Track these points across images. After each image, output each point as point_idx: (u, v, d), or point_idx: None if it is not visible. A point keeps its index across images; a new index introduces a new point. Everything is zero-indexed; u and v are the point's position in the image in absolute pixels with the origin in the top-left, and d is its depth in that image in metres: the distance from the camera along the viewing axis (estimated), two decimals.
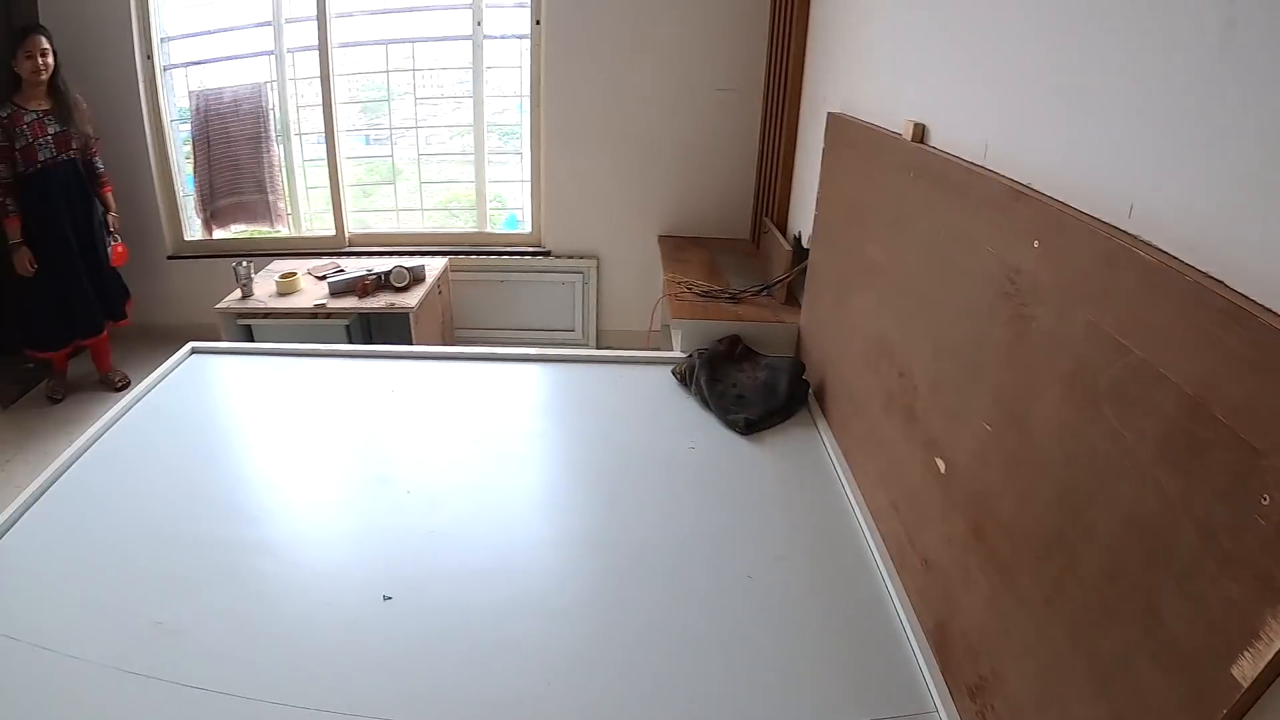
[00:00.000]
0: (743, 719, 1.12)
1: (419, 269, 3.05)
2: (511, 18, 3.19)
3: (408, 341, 2.81)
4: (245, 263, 3.03)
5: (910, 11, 1.57)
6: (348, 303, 2.92)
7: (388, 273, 2.99)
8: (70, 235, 3.04)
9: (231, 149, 3.52)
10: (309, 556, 1.55)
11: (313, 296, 2.99)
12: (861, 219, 1.68)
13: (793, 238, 2.38)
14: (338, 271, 3.14)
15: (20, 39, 2.86)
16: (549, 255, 3.40)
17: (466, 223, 3.69)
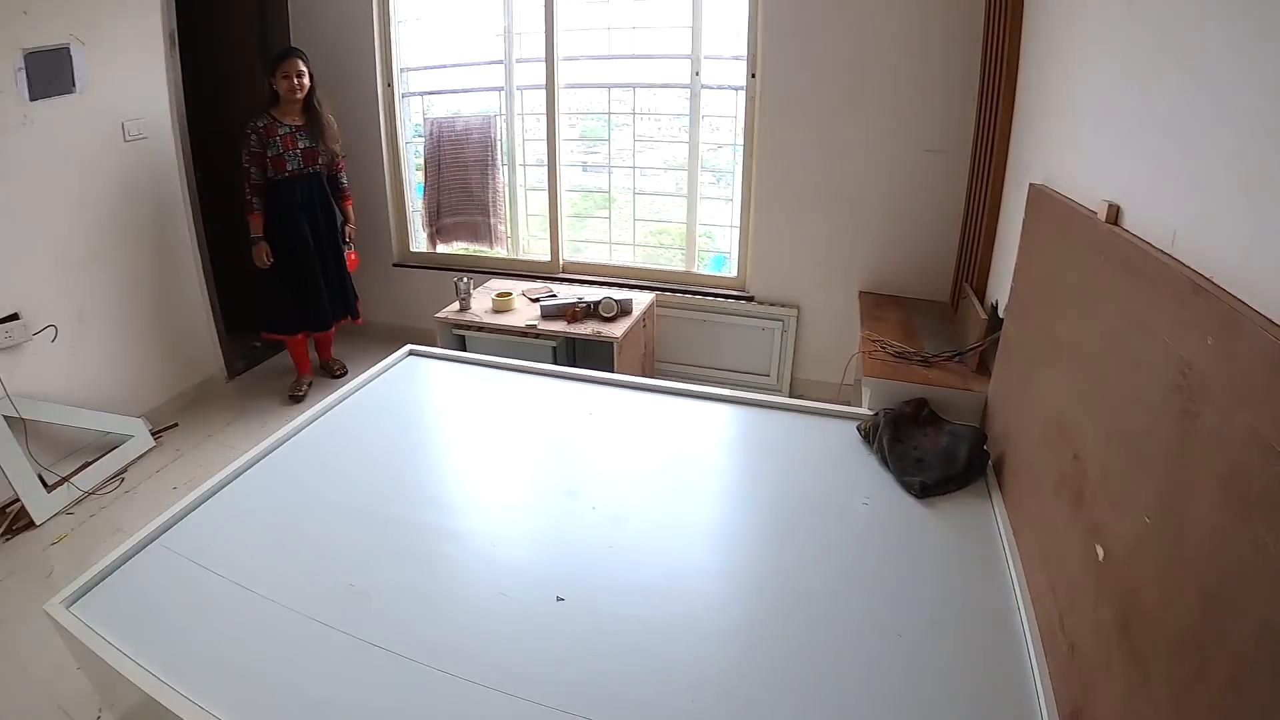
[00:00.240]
0: None
1: (627, 302, 3.19)
2: (729, 69, 3.32)
3: (609, 369, 2.90)
4: (466, 279, 3.32)
5: (1112, 91, 1.55)
6: (557, 326, 3.10)
7: (597, 302, 3.15)
8: (309, 238, 3.35)
9: (460, 173, 3.88)
10: (491, 550, 1.69)
11: (525, 317, 3.21)
12: (1053, 295, 1.66)
13: (989, 306, 2.33)
14: (550, 296, 3.36)
15: (280, 60, 3.21)
16: (752, 300, 3.49)
17: (674, 260, 3.82)
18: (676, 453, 2.07)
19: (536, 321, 3.15)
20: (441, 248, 4.13)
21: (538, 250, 4.02)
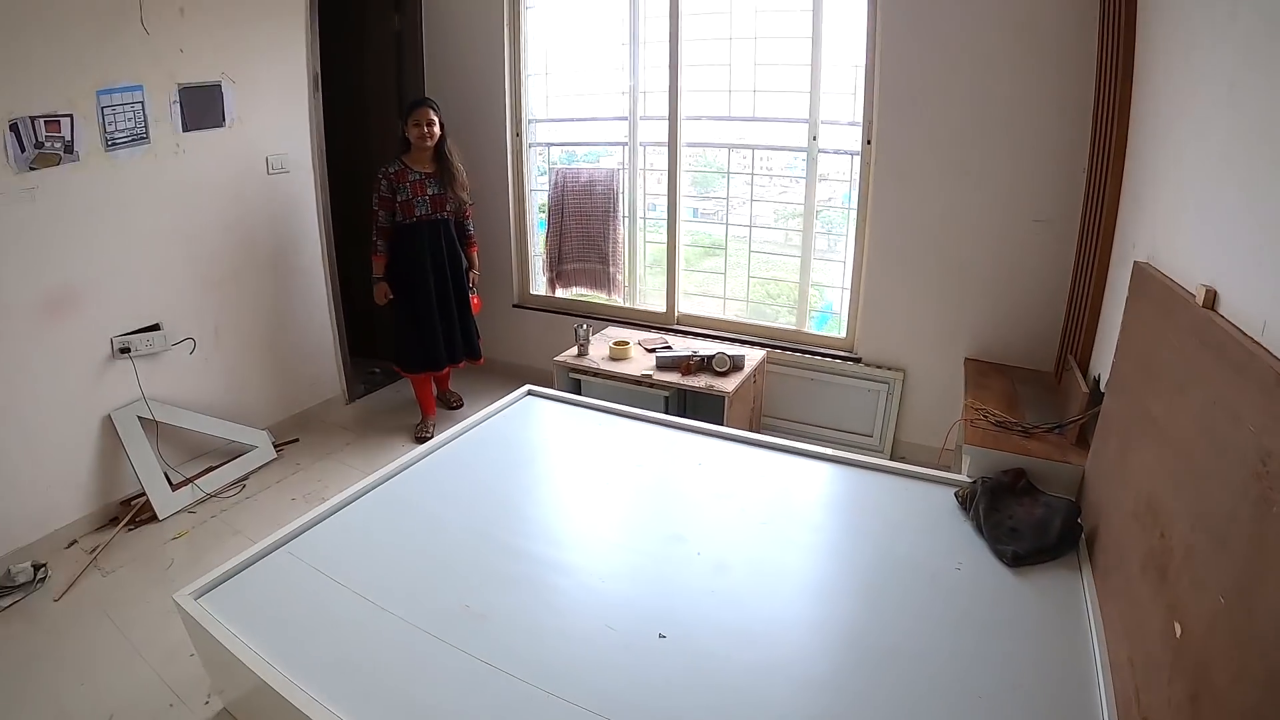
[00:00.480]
0: None
1: (739, 358, 3.27)
2: (844, 134, 3.40)
3: (719, 421, 2.94)
4: (585, 325, 3.45)
5: (1215, 175, 1.57)
6: (671, 377, 3.18)
7: (711, 357, 3.22)
8: (431, 282, 3.41)
9: (583, 222, 3.98)
10: (600, 585, 1.80)
11: (640, 366, 3.30)
12: (1151, 373, 1.68)
13: (1092, 379, 2.32)
14: (665, 347, 3.48)
15: (413, 109, 3.30)
16: (859, 362, 3.50)
17: (786, 318, 3.86)
18: (779, 507, 2.15)
19: (652, 371, 3.25)
20: (561, 292, 4.26)
21: (653, 301, 4.11)
